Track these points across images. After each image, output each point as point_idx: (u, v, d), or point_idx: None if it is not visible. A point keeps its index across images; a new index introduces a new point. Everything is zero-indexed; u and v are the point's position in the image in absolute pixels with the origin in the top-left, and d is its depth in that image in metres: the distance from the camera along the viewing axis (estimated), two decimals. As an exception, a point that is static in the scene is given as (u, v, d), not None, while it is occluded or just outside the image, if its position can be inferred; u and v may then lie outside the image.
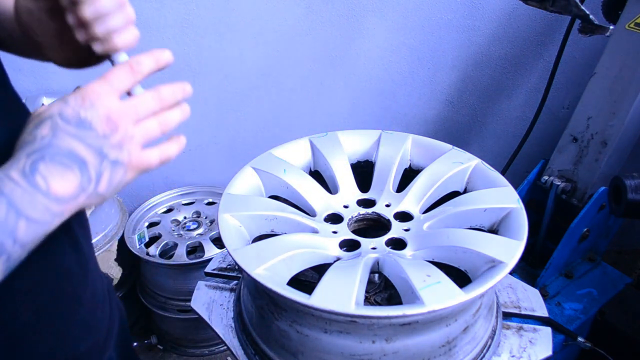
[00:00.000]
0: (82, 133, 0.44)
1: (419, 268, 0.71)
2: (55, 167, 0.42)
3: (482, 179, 0.91)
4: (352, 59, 1.74)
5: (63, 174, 0.43)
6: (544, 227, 1.45)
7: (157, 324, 1.84)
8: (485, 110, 1.93)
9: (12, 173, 0.41)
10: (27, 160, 0.42)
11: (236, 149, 1.87)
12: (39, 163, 0.42)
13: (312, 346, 0.72)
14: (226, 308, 0.90)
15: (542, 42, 1.76)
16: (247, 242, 0.80)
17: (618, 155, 1.33)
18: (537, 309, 0.90)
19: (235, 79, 1.71)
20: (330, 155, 0.96)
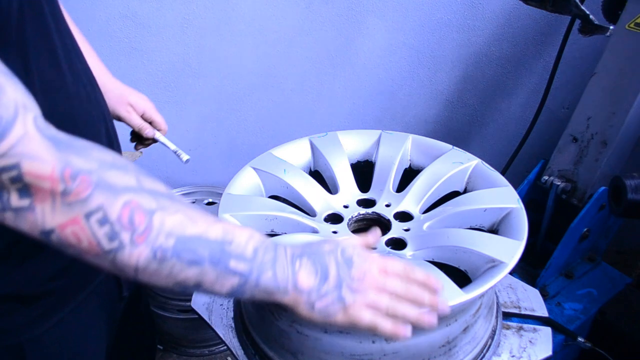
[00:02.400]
0: (342, 265, 0.56)
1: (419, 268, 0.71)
2: (311, 264, 0.55)
3: (482, 179, 0.91)
4: (352, 59, 1.74)
5: (310, 271, 0.55)
6: (544, 227, 1.45)
7: (157, 324, 1.84)
8: (485, 110, 1.92)
9: (287, 249, 0.55)
10: (299, 250, 0.56)
11: (236, 149, 1.87)
12: (304, 257, 0.56)
13: (312, 346, 0.72)
14: (226, 308, 0.90)
15: (542, 42, 1.76)
16: (247, 242, 0.80)
17: (618, 155, 1.33)
18: (537, 309, 0.90)
19: (235, 79, 1.71)
20: (330, 155, 0.96)
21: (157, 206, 0.46)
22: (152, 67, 1.60)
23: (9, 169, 0.40)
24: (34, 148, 0.41)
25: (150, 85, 1.64)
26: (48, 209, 0.42)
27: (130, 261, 0.46)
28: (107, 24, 1.47)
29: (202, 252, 0.48)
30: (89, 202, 0.43)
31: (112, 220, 0.44)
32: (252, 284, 0.52)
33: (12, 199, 0.42)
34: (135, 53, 1.55)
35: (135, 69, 1.59)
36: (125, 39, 1.52)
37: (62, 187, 0.42)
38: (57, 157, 0.42)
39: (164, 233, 0.46)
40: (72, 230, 0.43)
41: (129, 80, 1.59)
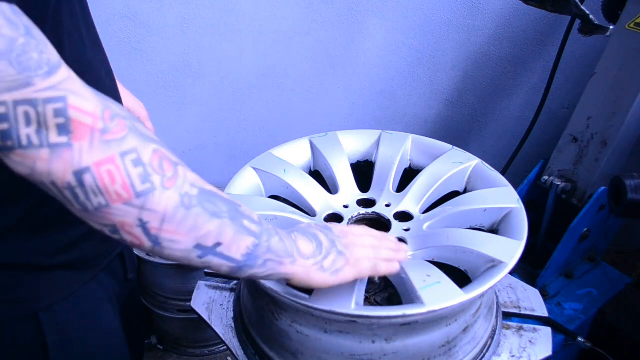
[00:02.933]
0: (325, 231, 0.64)
1: (419, 268, 0.71)
2: (302, 236, 0.61)
3: (482, 179, 0.91)
4: (352, 59, 1.74)
5: (306, 240, 0.61)
6: (544, 227, 1.45)
7: (157, 324, 1.84)
8: (485, 110, 1.93)
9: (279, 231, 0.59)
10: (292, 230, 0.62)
11: (236, 149, 1.87)
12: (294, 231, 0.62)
13: (312, 346, 0.72)
14: (226, 308, 0.90)
15: (542, 42, 1.76)
16: (247, 242, 0.80)
17: (618, 155, 1.34)
18: (537, 309, 0.90)
19: (235, 79, 1.71)
20: (330, 155, 0.96)
21: (177, 160, 0.49)
22: (152, 67, 1.60)
23: (56, 101, 0.42)
24: (78, 87, 0.44)
25: (150, 85, 1.64)
26: (86, 146, 0.43)
27: (160, 206, 0.47)
28: (107, 24, 1.47)
29: (221, 206, 0.51)
30: (125, 142, 0.45)
31: (144, 162, 0.46)
32: (265, 246, 0.55)
33: (51, 135, 0.42)
34: (135, 53, 1.55)
35: (135, 69, 1.59)
36: (125, 39, 1.52)
37: (102, 125, 0.44)
38: (98, 99, 0.45)
39: (189, 182, 0.49)
40: (108, 168, 0.44)
41: (129, 80, 1.60)
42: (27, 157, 0.43)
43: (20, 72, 0.41)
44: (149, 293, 1.75)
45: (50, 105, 0.42)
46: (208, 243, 0.50)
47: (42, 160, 0.43)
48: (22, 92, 0.41)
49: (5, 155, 0.43)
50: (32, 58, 0.41)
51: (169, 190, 0.47)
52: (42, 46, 0.43)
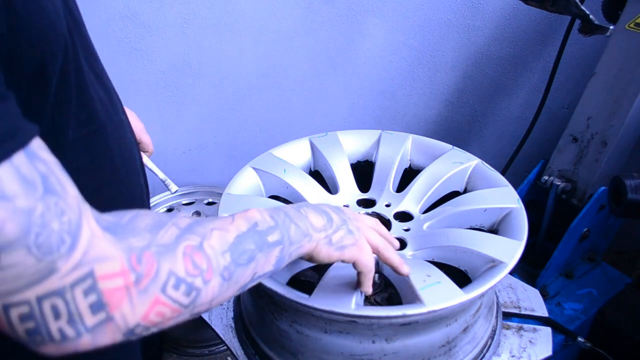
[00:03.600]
0: (337, 210, 0.64)
1: (419, 268, 0.71)
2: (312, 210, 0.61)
3: (482, 179, 0.91)
4: (352, 59, 1.74)
5: (316, 215, 0.61)
6: (544, 227, 1.45)
7: (157, 324, 1.84)
8: (485, 110, 1.92)
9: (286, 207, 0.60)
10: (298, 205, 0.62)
11: (236, 149, 1.87)
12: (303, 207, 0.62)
13: (312, 346, 0.72)
14: (226, 308, 0.90)
15: (542, 42, 1.76)
16: (247, 242, 0.80)
17: (618, 155, 1.33)
18: (537, 309, 0.90)
19: (235, 79, 1.71)
20: (330, 155, 0.96)
21: (200, 237, 0.47)
22: (152, 67, 1.60)
23: (84, 279, 0.37)
24: (101, 247, 0.39)
25: (150, 85, 1.64)
26: (127, 308, 0.40)
27: (207, 298, 0.46)
28: (107, 24, 1.47)
29: (249, 245, 0.51)
30: (159, 275, 0.42)
31: (183, 277, 0.43)
32: (287, 244, 0.55)
33: (87, 319, 0.38)
34: (135, 53, 1.55)
35: (135, 69, 1.59)
36: (125, 39, 1.52)
37: (134, 276, 0.40)
38: (120, 247, 0.41)
39: (219, 254, 0.47)
40: (156, 311, 0.42)
41: (129, 80, 1.60)
42: (65, 348, 0.38)
43: (41, 258, 0.35)
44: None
45: (79, 287, 0.37)
46: (247, 282, 0.52)
47: (84, 345, 0.39)
48: (45, 285, 0.36)
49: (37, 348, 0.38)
50: (53, 231, 0.36)
51: (210, 282, 0.46)
52: (61, 200, 0.37)
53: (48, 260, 0.35)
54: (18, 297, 0.35)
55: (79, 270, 0.37)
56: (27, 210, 0.34)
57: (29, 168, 0.35)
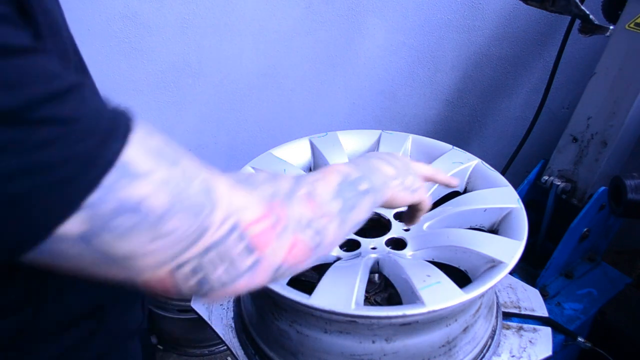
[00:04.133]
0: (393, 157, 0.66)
1: (419, 268, 0.71)
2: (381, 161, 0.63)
3: (482, 179, 0.91)
4: (352, 59, 1.74)
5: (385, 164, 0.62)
6: (544, 227, 1.45)
7: (157, 324, 1.84)
8: (485, 110, 1.93)
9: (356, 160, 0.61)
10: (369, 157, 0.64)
11: (236, 149, 1.87)
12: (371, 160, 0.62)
13: (312, 346, 0.72)
14: (226, 308, 0.90)
15: (542, 42, 1.76)
16: (247, 242, 0.80)
17: (618, 155, 1.33)
18: (537, 309, 0.90)
19: (235, 79, 1.71)
20: (330, 155, 0.96)
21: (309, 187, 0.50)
22: (152, 67, 1.60)
23: (232, 230, 0.40)
24: (239, 199, 0.42)
25: (150, 85, 1.64)
26: (271, 249, 0.43)
27: (328, 240, 0.49)
28: (107, 24, 1.47)
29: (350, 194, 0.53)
30: (291, 218, 0.45)
31: (309, 220, 0.47)
32: (374, 192, 0.58)
33: (240, 264, 0.41)
34: (135, 53, 1.55)
35: (135, 69, 1.59)
36: (125, 39, 1.52)
37: (274, 218, 0.43)
38: (254, 196, 0.44)
39: (330, 200, 0.51)
40: (295, 251, 0.45)
41: (129, 80, 1.60)
42: (225, 293, 0.42)
43: (193, 219, 0.38)
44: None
45: (231, 237, 0.40)
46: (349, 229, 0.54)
47: (241, 287, 0.43)
48: (204, 241, 0.39)
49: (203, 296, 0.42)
50: (195, 193, 0.39)
51: (329, 225, 0.49)
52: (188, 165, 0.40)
53: (200, 219, 0.38)
54: (184, 257, 0.38)
55: (227, 222, 0.40)
56: (166, 180, 0.37)
57: (151, 143, 0.38)
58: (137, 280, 0.38)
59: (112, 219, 0.34)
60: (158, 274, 0.38)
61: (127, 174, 0.34)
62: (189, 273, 0.39)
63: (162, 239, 0.36)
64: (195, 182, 0.39)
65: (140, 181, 0.35)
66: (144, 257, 0.36)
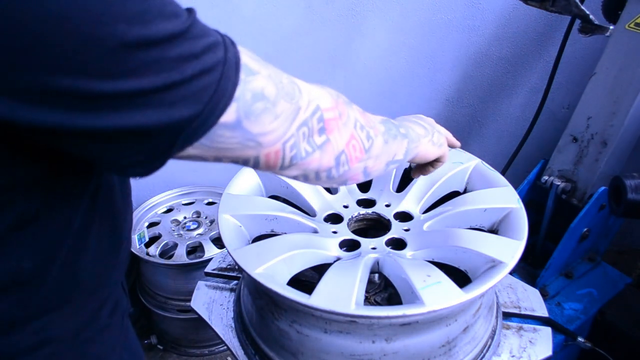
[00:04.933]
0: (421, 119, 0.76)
1: (419, 268, 0.71)
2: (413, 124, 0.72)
3: (482, 179, 0.91)
4: (352, 59, 1.74)
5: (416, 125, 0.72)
6: (544, 227, 1.45)
7: (157, 324, 1.84)
8: (485, 110, 1.93)
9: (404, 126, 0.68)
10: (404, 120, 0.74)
11: (236, 149, 1.87)
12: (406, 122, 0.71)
13: (312, 346, 0.72)
14: (226, 308, 0.90)
15: (542, 42, 1.76)
16: (247, 242, 0.80)
17: (618, 155, 1.34)
18: (537, 309, 0.90)
19: (235, 79, 1.71)
20: (330, 155, 0.96)
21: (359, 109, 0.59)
22: (152, 67, 1.60)
23: (315, 111, 0.50)
24: (315, 91, 0.52)
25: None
26: (337, 134, 0.53)
27: (375, 152, 0.58)
28: (107, 24, 1.47)
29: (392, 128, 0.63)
30: (350, 117, 0.55)
31: (363, 124, 0.57)
32: (410, 140, 0.66)
33: (317, 140, 0.51)
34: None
35: (135, 69, 1.59)
36: (125, 39, 1.52)
37: (339, 112, 0.53)
38: (326, 91, 0.54)
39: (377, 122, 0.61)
40: (352, 143, 0.55)
41: (129, 80, 1.60)
42: (304, 164, 0.52)
43: (290, 103, 0.48)
44: (149, 293, 1.75)
45: (314, 116, 0.51)
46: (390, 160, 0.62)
47: (314, 161, 0.52)
48: (298, 119, 0.49)
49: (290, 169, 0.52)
50: (287, 84, 0.49)
51: (377, 137, 0.58)
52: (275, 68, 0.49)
53: (294, 103, 0.48)
54: (290, 132, 0.48)
55: (311, 105, 0.50)
56: (269, 75, 0.47)
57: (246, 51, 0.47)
58: (261, 155, 0.49)
59: (250, 106, 0.44)
60: (275, 148, 0.48)
61: (250, 72, 0.45)
62: (292, 146, 0.49)
63: (278, 118, 0.47)
64: (284, 76, 0.49)
65: (257, 76, 0.45)
66: (270, 134, 0.47)
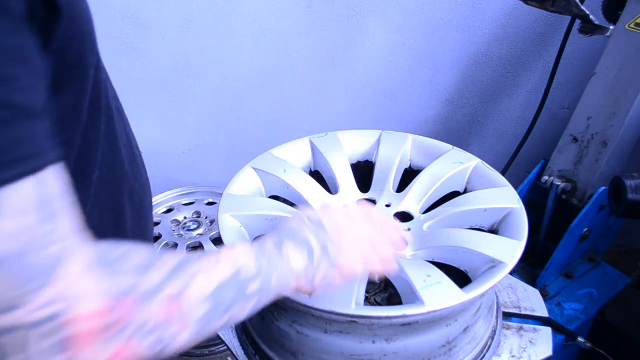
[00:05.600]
0: (317, 232, 0.58)
1: (419, 268, 0.71)
2: (293, 245, 0.56)
3: (482, 179, 0.91)
4: (352, 59, 1.74)
5: (297, 252, 0.56)
6: (544, 227, 1.44)
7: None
8: (485, 110, 1.92)
9: (268, 243, 0.56)
10: (278, 238, 0.57)
11: (236, 149, 1.87)
12: (284, 240, 0.56)
13: (312, 346, 0.72)
14: (226, 308, 0.90)
15: (542, 42, 1.76)
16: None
17: (618, 155, 1.33)
18: (537, 309, 0.90)
19: (235, 79, 1.71)
20: (330, 155, 0.96)
21: (183, 284, 0.45)
22: (152, 67, 1.60)
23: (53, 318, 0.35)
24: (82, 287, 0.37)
25: (150, 85, 1.64)
26: (93, 351, 0.38)
27: (175, 347, 0.45)
28: (107, 24, 1.47)
29: (229, 296, 0.49)
30: (133, 323, 0.40)
31: (154, 328, 0.42)
32: (265, 294, 0.53)
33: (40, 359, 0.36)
34: (135, 53, 1.55)
35: (135, 69, 1.59)
36: (125, 39, 1.52)
37: (107, 322, 0.38)
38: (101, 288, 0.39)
39: (198, 304, 0.46)
40: (121, 356, 0.40)
41: (129, 80, 1.60)
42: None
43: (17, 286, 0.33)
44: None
45: (44, 327, 0.35)
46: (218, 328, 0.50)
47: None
48: (12, 316, 0.34)
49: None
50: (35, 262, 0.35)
51: (182, 332, 0.44)
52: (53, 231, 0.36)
53: (22, 290, 0.34)
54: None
55: (51, 307, 0.35)
56: (13, 234, 0.33)
57: (31, 194, 0.35)
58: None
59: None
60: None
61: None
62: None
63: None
64: (53, 248, 0.35)
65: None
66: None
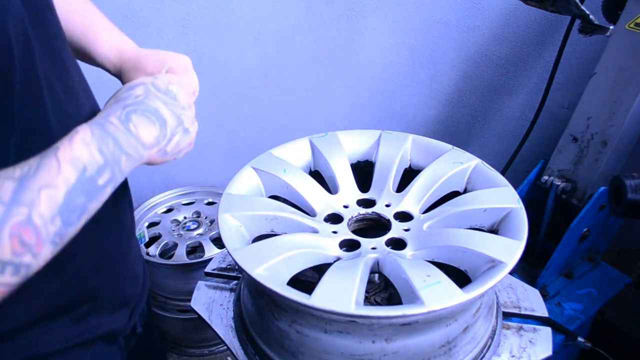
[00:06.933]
0: (168, 100, 0.58)
1: (419, 268, 0.71)
2: (143, 119, 0.54)
3: (482, 179, 0.91)
4: (352, 59, 1.74)
5: (148, 125, 0.54)
6: (544, 227, 1.45)
7: (157, 324, 1.84)
8: (485, 110, 1.93)
9: (111, 119, 0.52)
10: (122, 111, 0.54)
11: (236, 149, 1.87)
12: (131, 114, 0.54)
13: (312, 346, 0.72)
14: (226, 308, 0.90)
15: (542, 42, 1.76)
16: (247, 242, 0.80)
17: (618, 155, 1.34)
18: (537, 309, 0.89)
19: (235, 79, 1.71)
20: (330, 155, 0.96)
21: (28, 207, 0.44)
22: (152, 67, 1.60)
23: None
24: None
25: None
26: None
27: (38, 266, 0.45)
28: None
29: (81, 200, 0.48)
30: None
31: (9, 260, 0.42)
32: (119, 177, 0.52)
33: None
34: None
35: (135, 69, 1.59)
36: (125, 39, 1.52)
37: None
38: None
39: (49, 221, 0.45)
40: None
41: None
42: None
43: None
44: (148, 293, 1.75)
45: None
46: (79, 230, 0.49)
47: None
48: None
49: None
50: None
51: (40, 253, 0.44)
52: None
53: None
54: None
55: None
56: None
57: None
58: None
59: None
60: None
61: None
62: None
63: None
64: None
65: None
66: None
